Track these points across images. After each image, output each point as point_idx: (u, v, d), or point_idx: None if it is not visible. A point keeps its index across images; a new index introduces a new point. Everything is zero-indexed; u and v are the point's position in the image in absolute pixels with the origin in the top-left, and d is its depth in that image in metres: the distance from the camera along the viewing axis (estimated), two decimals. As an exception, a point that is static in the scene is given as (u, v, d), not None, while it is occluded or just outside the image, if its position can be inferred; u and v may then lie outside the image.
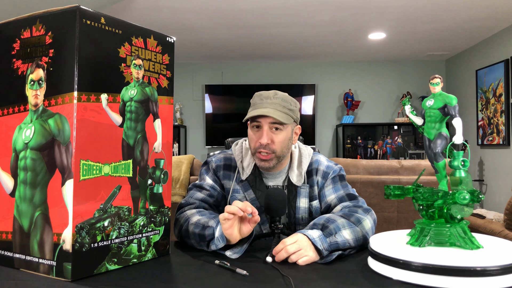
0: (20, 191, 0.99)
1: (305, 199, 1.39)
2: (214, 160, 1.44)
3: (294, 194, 1.39)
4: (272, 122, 1.32)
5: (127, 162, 1.03)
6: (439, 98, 1.02)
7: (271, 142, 1.32)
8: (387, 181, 2.61)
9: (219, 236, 1.14)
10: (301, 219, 1.38)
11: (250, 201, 1.37)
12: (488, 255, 0.89)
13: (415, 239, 0.97)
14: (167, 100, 1.14)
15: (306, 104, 5.99)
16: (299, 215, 1.38)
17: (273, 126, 1.33)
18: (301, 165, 1.42)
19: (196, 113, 6.16)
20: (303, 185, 1.39)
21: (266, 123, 1.32)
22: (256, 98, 1.37)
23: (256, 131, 1.35)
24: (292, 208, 1.38)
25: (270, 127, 1.33)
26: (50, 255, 0.94)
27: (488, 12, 3.99)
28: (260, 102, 1.34)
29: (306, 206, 1.39)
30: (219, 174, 1.42)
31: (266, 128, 1.32)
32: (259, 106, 1.33)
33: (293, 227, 1.38)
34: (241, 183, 1.40)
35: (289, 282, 0.89)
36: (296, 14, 4.05)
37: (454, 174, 0.97)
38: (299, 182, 1.39)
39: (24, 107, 1.00)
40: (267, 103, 1.33)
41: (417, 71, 5.98)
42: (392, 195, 1.02)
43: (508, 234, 2.33)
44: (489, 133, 4.76)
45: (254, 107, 1.35)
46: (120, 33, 1.01)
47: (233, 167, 1.43)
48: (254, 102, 1.37)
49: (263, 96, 1.35)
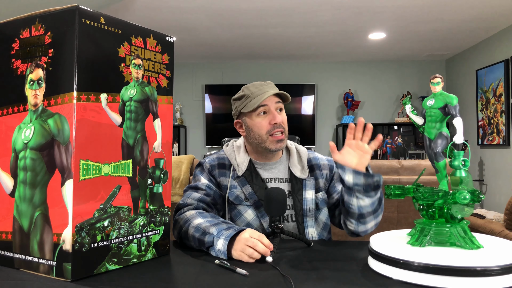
0: (20, 191, 0.99)
1: (311, 191, 1.43)
2: (207, 161, 1.47)
3: (300, 187, 1.42)
4: (277, 101, 1.41)
5: (127, 162, 1.03)
6: (440, 98, 1.02)
7: (282, 121, 1.41)
8: (387, 181, 2.61)
9: (221, 251, 1.11)
10: (308, 210, 1.41)
11: (248, 195, 1.39)
12: (488, 255, 0.89)
13: (415, 239, 0.97)
14: (166, 99, 1.14)
15: (306, 104, 5.99)
16: (306, 206, 1.41)
17: (278, 106, 1.41)
18: (301, 160, 1.47)
19: (196, 113, 6.16)
20: (309, 177, 1.44)
21: (272, 104, 1.40)
22: (251, 88, 1.42)
23: (264, 117, 1.40)
24: (298, 200, 1.41)
25: (276, 108, 1.41)
26: (50, 255, 0.94)
27: (488, 12, 3.99)
28: (259, 89, 1.41)
29: (313, 197, 1.43)
30: (214, 173, 1.43)
31: (273, 109, 1.40)
32: (261, 92, 1.39)
33: (300, 219, 1.40)
34: (238, 178, 1.42)
35: (289, 282, 0.89)
36: (296, 14, 4.05)
37: (454, 174, 0.97)
38: (303, 175, 1.44)
39: (23, 107, 0.99)
40: (267, 87, 1.41)
41: (417, 71, 5.97)
42: (392, 194, 1.02)
43: (508, 234, 2.33)
44: (489, 133, 4.76)
45: (254, 95, 1.40)
46: (119, 33, 1.01)
47: (227, 165, 1.45)
48: (251, 92, 1.42)
49: (257, 85, 1.43)
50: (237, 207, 1.40)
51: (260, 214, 1.38)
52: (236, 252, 1.09)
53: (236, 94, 1.46)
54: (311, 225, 1.41)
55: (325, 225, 1.46)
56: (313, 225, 1.41)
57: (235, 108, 1.47)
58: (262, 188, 1.40)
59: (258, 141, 1.41)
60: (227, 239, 1.10)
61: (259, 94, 1.39)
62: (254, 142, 1.42)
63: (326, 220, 1.47)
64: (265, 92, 1.38)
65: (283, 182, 1.44)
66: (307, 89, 5.99)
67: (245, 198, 1.39)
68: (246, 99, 1.41)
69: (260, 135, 1.40)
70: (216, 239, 1.13)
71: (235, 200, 1.40)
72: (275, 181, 1.44)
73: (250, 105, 1.39)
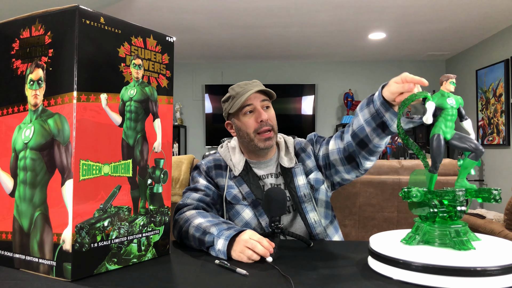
0: (20, 191, 0.99)
1: (301, 177, 1.43)
2: (204, 163, 1.48)
3: (291, 177, 1.43)
4: (263, 99, 1.41)
5: (126, 162, 1.03)
6: (455, 98, 1.01)
7: (268, 118, 1.41)
8: (387, 181, 2.61)
9: (221, 251, 1.11)
10: (304, 196, 1.41)
11: (245, 195, 1.40)
12: (488, 255, 0.89)
13: (408, 237, 0.98)
14: (166, 99, 1.14)
15: (306, 104, 5.99)
16: (301, 193, 1.41)
17: (264, 104, 1.42)
18: (288, 150, 1.49)
19: (196, 113, 6.16)
20: (296, 164, 1.45)
21: (257, 103, 1.41)
22: (236, 88, 1.44)
23: (251, 115, 1.41)
24: (292, 189, 1.41)
25: (262, 106, 1.41)
26: (50, 255, 0.94)
27: (488, 12, 3.99)
28: (244, 89, 1.41)
29: (305, 182, 1.42)
30: (211, 174, 1.44)
31: (259, 107, 1.40)
32: (245, 91, 1.40)
33: (299, 207, 1.40)
34: (235, 178, 1.43)
35: (289, 282, 0.89)
36: (296, 14, 4.05)
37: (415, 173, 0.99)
38: (291, 164, 1.44)
39: (23, 107, 0.99)
40: (251, 85, 1.42)
41: (417, 71, 5.97)
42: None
43: (508, 234, 2.33)
44: (489, 133, 4.76)
45: (239, 95, 1.41)
46: (119, 33, 1.01)
47: (224, 166, 1.47)
48: (236, 92, 1.43)
49: (242, 84, 1.44)
50: (235, 207, 1.40)
51: (258, 213, 1.38)
52: (236, 253, 1.09)
53: (224, 96, 1.48)
54: (311, 210, 1.40)
55: (327, 203, 1.46)
56: (313, 209, 1.41)
57: (224, 110, 1.49)
58: (259, 187, 1.40)
59: (247, 140, 1.42)
60: (227, 239, 1.10)
61: (243, 94, 1.40)
62: (244, 141, 1.44)
63: (326, 198, 1.47)
64: (249, 90, 1.39)
65: (276, 177, 1.45)
66: (307, 89, 5.99)
67: (243, 197, 1.40)
68: (232, 99, 1.43)
69: (248, 133, 1.41)
70: (216, 239, 1.13)
71: (233, 199, 1.40)
72: (269, 177, 1.45)
73: (236, 105, 1.40)
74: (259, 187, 1.41)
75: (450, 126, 0.98)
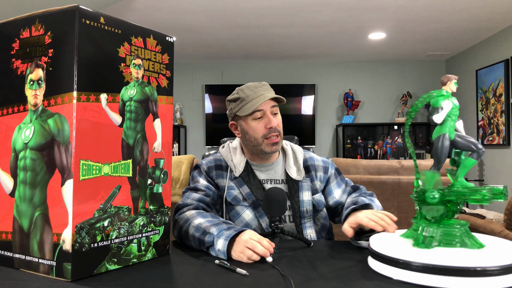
0: (20, 191, 0.99)
1: (308, 192, 1.43)
2: (205, 163, 1.47)
3: (296, 189, 1.42)
4: (273, 105, 1.40)
5: (126, 162, 1.03)
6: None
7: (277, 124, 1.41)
8: (387, 181, 2.61)
9: (221, 251, 1.10)
10: (305, 212, 1.41)
11: (245, 196, 1.39)
12: (488, 255, 0.89)
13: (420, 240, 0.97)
14: (166, 99, 1.14)
15: (306, 104, 5.99)
16: (304, 208, 1.41)
17: (274, 110, 1.41)
18: (297, 161, 1.47)
19: (196, 113, 6.16)
20: (305, 179, 1.44)
21: (268, 108, 1.39)
22: (246, 91, 1.40)
23: (260, 121, 1.39)
24: (296, 202, 1.41)
25: (271, 112, 1.40)
26: (50, 255, 0.94)
27: (488, 12, 3.99)
28: (254, 92, 1.39)
29: (309, 199, 1.43)
30: (212, 174, 1.44)
31: (269, 113, 1.39)
32: (256, 95, 1.38)
33: (298, 221, 1.40)
34: (235, 179, 1.42)
35: (289, 282, 0.89)
36: (296, 14, 4.05)
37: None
38: (299, 177, 1.44)
39: (23, 107, 0.99)
40: (261, 89, 1.40)
41: (417, 71, 5.97)
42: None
43: (508, 234, 2.33)
44: (489, 133, 4.76)
45: (250, 99, 1.38)
46: (119, 33, 1.01)
47: (224, 166, 1.46)
48: (246, 95, 1.40)
49: (252, 87, 1.41)
50: (235, 208, 1.40)
51: (258, 214, 1.38)
52: (236, 253, 1.09)
53: (231, 95, 1.45)
54: (309, 226, 1.41)
55: (323, 225, 1.46)
56: (311, 226, 1.42)
57: (230, 110, 1.46)
58: (260, 189, 1.40)
59: (254, 144, 1.41)
60: (227, 239, 1.10)
61: (254, 98, 1.38)
62: (250, 144, 1.43)
63: (325, 221, 1.47)
64: (260, 95, 1.37)
65: (279, 184, 1.44)
66: (307, 89, 5.99)
67: (243, 198, 1.39)
68: (241, 102, 1.40)
69: (255, 138, 1.40)
70: (216, 239, 1.13)
71: (233, 200, 1.40)
72: (271, 183, 1.44)
73: (246, 109, 1.38)
74: (260, 188, 1.40)
75: (453, 125, 1.00)
